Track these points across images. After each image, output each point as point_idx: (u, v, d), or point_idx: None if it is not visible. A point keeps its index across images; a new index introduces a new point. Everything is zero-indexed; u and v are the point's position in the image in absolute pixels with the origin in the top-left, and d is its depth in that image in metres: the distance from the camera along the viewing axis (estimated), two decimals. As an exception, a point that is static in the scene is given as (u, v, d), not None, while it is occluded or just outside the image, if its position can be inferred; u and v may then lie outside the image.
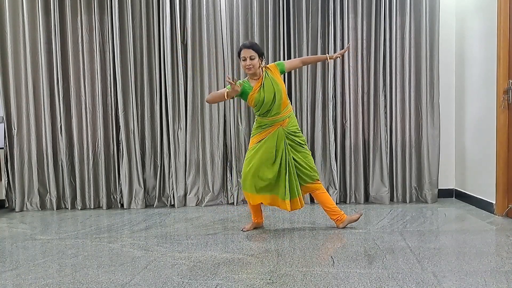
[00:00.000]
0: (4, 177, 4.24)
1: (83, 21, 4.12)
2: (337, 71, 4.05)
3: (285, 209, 3.07)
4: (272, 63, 3.16)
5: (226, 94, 2.93)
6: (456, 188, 4.24)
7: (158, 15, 4.10)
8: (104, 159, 4.19)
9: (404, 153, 4.11)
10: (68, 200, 4.21)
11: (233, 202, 4.19)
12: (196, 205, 4.22)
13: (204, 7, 4.11)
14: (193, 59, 4.15)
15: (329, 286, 2.11)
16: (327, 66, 4.08)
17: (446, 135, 4.18)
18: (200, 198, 4.23)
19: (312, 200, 4.19)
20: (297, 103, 4.14)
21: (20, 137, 4.19)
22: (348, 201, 4.14)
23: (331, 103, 4.08)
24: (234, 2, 4.11)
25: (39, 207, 4.23)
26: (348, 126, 4.09)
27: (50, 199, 4.24)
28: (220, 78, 4.15)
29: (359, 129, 4.10)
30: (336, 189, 4.09)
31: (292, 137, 3.08)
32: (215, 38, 4.14)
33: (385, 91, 4.09)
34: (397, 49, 4.04)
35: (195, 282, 2.20)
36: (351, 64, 4.07)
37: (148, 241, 3.01)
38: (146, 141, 4.20)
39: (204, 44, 4.12)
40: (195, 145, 4.21)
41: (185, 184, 4.22)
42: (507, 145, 3.41)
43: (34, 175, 4.20)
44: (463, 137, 4.05)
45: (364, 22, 4.06)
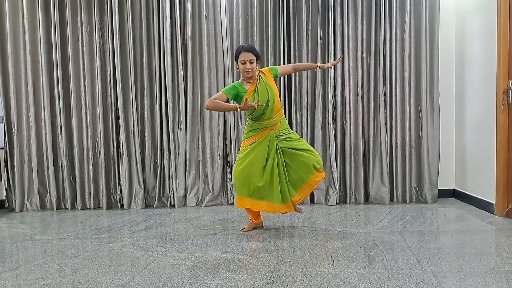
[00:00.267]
0: (4, 177, 4.24)
1: (83, 21, 4.12)
2: (337, 71, 4.05)
3: (280, 213, 3.11)
4: (266, 67, 3.15)
5: (239, 107, 2.90)
6: (456, 188, 4.24)
7: (158, 15, 4.10)
8: (104, 159, 4.19)
9: (404, 153, 4.11)
10: (68, 200, 4.21)
11: (233, 203, 4.18)
12: (196, 205, 4.22)
13: (204, 7, 4.11)
14: (193, 59, 4.15)
15: (329, 286, 2.11)
16: (327, 66, 4.09)
17: (446, 135, 4.18)
18: (200, 198, 4.23)
19: (312, 200, 4.19)
20: (297, 103, 4.14)
21: (20, 137, 4.19)
22: (348, 201, 4.14)
23: (331, 103, 4.08)
24: (234, 2, 4.11)
25: (39, 207, 4.23)
26: (348, 126, 4.09)
27: (50, 199, 4.24)
28: (220, 78, 4.15)
29: (359, 129, 4.10)
30: (336, 189, 4.09)
31: (284, 139, 3.07)
32: (215, 38, 4.14)
33: (385, 91, 4.09)
34: (397, 49, 4.04)
35: (195, 282, 2.20)
36: (351, 64, 4.07)
37: (148, 241, 3.01)
38: (146, 141, 4.20)
39: (204, 44, 4.12)
40: (195, 145, 4.21)
41: (185, 184, 4.22)
42: (507, 145, 3.41)
43: (34, 175, 4.20)
44: (463, 137, 4.05)
45: (364, 22, 4.06)
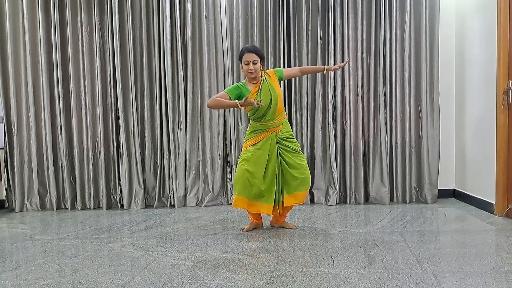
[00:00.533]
0: (4, 177, 4.24)
1: (83, 21, 4.12)
2: (337, 72, 4.05)
3: (267, 214, 3.12)
4: (271, 69, 3.17)
5: (239, 103, 2.90)
6: (456, 189, 4.24)
7: (158, 15, 4.10)
8: (104, 160, 4.19)
9: (404, 153, 4.11)
10: (68, 200, 4.21)
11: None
12: (196, 205, 4.22)
13: (204, 7, 4.11)
14: (193, 59, 4.15)
15: (329, 286, 2.11)
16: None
17: (446, 135, 4.17)
18: (200, 198, 4.23)
19: (312, 200, 4.19)
20: (297, 104, 4.15)
21: (20, 137, 4.19)
22: (348, 202, 4.13)
23: (331, 104, 4.08)
24: (234, 2, 4.11)
25: (39, 207, 4.23)
26: (348, 127, 4.09)
27: (50, 199, 4.24)
28: (220, 78, 4.15)
29: (359, 130, 4.10)
30: (336, 190, 4.09)
31: (285, 143, 3.09)
32: (215, 38, 4.14)
33: (385, 91, 4.09)
34: (397, 49, 4.04)
35: (195, 283, 2.20)
36: (351, 64, 4.07)
37: (148, 241, 3.01)
38: (146, 141, 4.20)
39: (204, 44, 4.12)
40: (195, 146, 4.20)
41: (185, 184, 4.22)
42: (507, 145, 3.41)
43: (34, 175, 4.20)
44: (463, 137, 4.05)
45: (364, 22, 4.06)
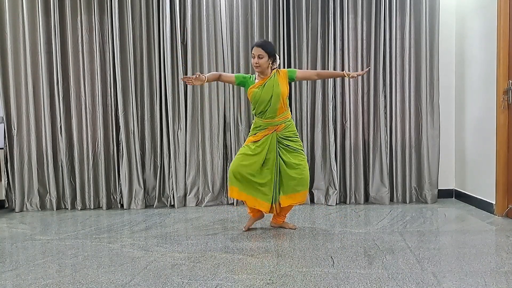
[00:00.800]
0: (4, 177, 4.24)
1: (83, 22, 4.11)
2: (337, 72, 4.05)
3: (263, 211, 3.12)
4: (285, 69, 3.20)
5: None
6: (456, 189, 4.24)
7: (158, 15, 4.10)
8: (104, 160, 4.18)
9: (404, 154, 4.11)
10: (68, 201, 4.21)
11: (233, 203, 4.18)
12: (196, 206, 4.22)
13: (204, 7, 4.11)
14: (193, 59, 4.15)
15: (329, 286, 2.11)
16: (327, 67, 4.08)
17: (446, 135, 4.18)
18: (200, 199, 4.23)
19: (312, 200, 4.19)
20: (297, 104, 4.15)
21: (20, 137, 4.18)
22: (348, 202, 4.13)
23: (331, 104, 4.08)
24: (234, 2, 4.11)
25: (39, 208, 4.23)
26: (348, 127, 4.09)
27: (50, 200, 4.24)
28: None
29: (359, 130, 4.10)
30: (336, 190, 4.09)
31: (286, 142, 3.09)
32: (215, 38, 4.14)
33: (385, 92, 4.09)
34: (397, 49, 4.04)
35: (195, 283, 2.20)
36: (351, 64, 4.07)
37: (148, 242, 3.01)
38: (146, 142, 4.19)
39: (204, 44, 4.12)
40: (195, 146, 4.20)
41: (185, 185, 4.22)
42: (507, 145, 3.41)
43: (34, 175, 4.20)
44: (463, 137, 4.05)
45: (364, 22, 4.06)
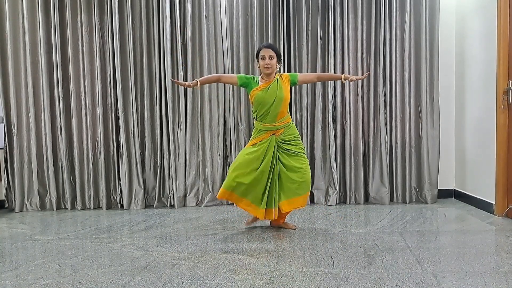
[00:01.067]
0: (4, 178, 4.24)
1: (83, 22, 4.12)
2: (337, 71, 4.04)
3: (259, 217, 3.12)
4: (286, 73, 3.22)
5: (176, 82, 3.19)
6: (456, 189, 4.24)
7: (158, 15, 4.10)
8: (104, 160, 4.18)
9: (404, 154, 4.11)
10: (68, 201, 4.21)
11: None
12: (196, 206, 4.22)
13: (204, 7, 4.11)
14: (193, 59, 4.15)
15: (329, 287, 2.11)
16: (327, 67, 4.08)
17: (446, 136, 4.18)
18: (200, 199, 4.23)
19: (312, 200, 4.19)
20: (297, 104, 4.15)
21: (20, 138, 4.18)
22: (348, 202, 4.13)
23: (331, 104, 4.08)
24: (234, 2, 4.11)
25: (39, 208, 4.23)
26: (348, 127, 4.09)
27: (50, 200, 4.24)
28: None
29: (359, 130, 4.10)
30: (336, 190, 4.09)
31: (286, 146, 3.09)
32: (215, 39, 4.14)
33: (385, 92, 4.09)
34: (397, 49, 4.04)
35: (195, 283, 2.20)
36: (351, 65, 4.07)
37: (148, 242, 3.01)
38: (146, 142, 4.19)
39: (204, 44, 4.12)
40: (195, 146, 4.20)
41: (185, 185, 4.22)
42: (507, 146, 3.41)
43: (34, 176, 4.20)
44: (463, 138, 4.05)
45: (364, 22, 4.06)
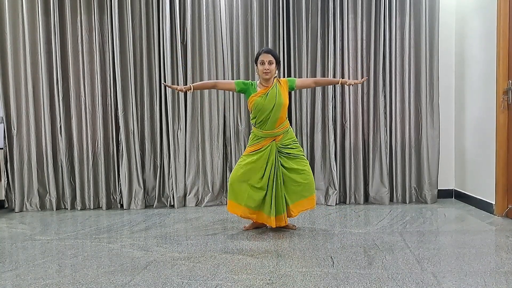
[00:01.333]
0: (4, 178, 4.24)
1: (83, 22, 4.11)
2: (337, 72, 4.05)
3: (270, 225, 3.11)
4: (284, 78, 3.20)
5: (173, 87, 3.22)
6: (456, 189, 4.24)
7: (158, 16, 4.10)
8: (104, 160, 4.18)
9: (404, 154, 4.11)
10: (68, 201, 4.21)
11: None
12: (196, 206, 4.22)
13: (204, 8, 4.11)
14: (193, 60, 4.15)
15: (329, 287, 2.11)
16: (327, 67, 4.09)
17: (446, 136, 4.18)
18: (200, 199, 4.23)
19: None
20: (297, 104, 4.15)
21: (20, 138, 4.18)
22: (348, 202, 4.13)
23: (331, 104, 4.08)
24: (234, 3, 4.11)
25: (39, 208, 4.23)
26: (348, 127, 4.09)
27: (50, 200, 4.24)
28: (220, 79, 4.13)
29: (359, 130, 4.10)
30: (336, 190, 4.09)
31: (286, 150, 3.09)
32: (215, 39, 4.14)
33: (385, 92, 4.09)
34: (397, 50, 4.04)
35: (195, 283, 2.20)
36: (351, 65, 4.07)
37: (148, 242, 3.01)
38: (146, 142, 4.19)
39: (204, 45, 4.12)
40: (195, 146, 4.20)
41: (185, 185, 4.22)
42: (507, 146, 3.41)
43: (34, 176, 4.20)
44: (463, 138, 4.05)
45: (364, 22, 4.06)
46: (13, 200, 4.22)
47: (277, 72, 3.14)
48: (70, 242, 3.05)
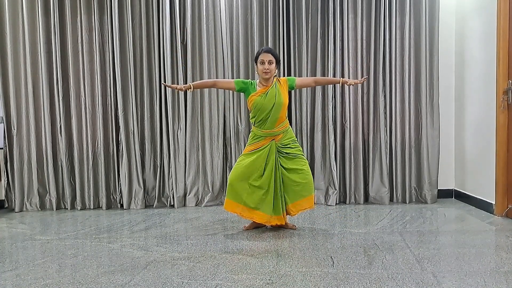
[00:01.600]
0: (4, 177, 4.24)
1: (83, 22, 4.12)
2: (337, 71, 4.05)
3: (270, 225, 3.14)
4: (284, 77, 3.19)
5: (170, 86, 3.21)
6: (456, 189, 4.24)
7: (158, 16, 4.10)
8: (104, 160, 4.18)
9: (404, 154, 4.11)
10: (68, 201, 4.21)
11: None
12: (196, 206, 4.22)
13: (204, 8, 4.11)
14: (193, 60, 4.15)
15: (329, 287, 2.11)
16: (327, 67, 4.09)
17: (446, 136, 4.18)
18: (200, 199, 4.23)
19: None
20: (297, 104, 4.15)
21: (20, 137, 4.18)
22: (348, 202, 4.13)
23: (331, 104, 4.08)
24: (234, 3, 4.11)
25: (39, 208, 4.23)
26: (348, 127, 4.09)
27: (50, 200, 4.24)
28: (220, 78, 4.14)
29: (359, 130, 4.10)
30: (336, 190, 4.09)
31: (285, 150, 3.09)
32: (215, 39, 4.14)
33: (385, 92, 4.09)
34: (397, 50, 4.04)
35: (195, 283, 2.20)
36: (351, 65, 4.07)
37: (148, 242, 3.01)
38: (146, 142, 4.19)
39: (204, 45, 4.12)
40: (195, 146, 4.20)
41: (185, 185, 4.22)
42: (507, 146, 3.41)
43: (34, 176, 4.20)
44: (463, 138, 4.05)
45: (364, 22, 4.06)
46: (13, 200, 4.22)
47: (277, 72, 3.14)
48: (70, 242, 3.05)
